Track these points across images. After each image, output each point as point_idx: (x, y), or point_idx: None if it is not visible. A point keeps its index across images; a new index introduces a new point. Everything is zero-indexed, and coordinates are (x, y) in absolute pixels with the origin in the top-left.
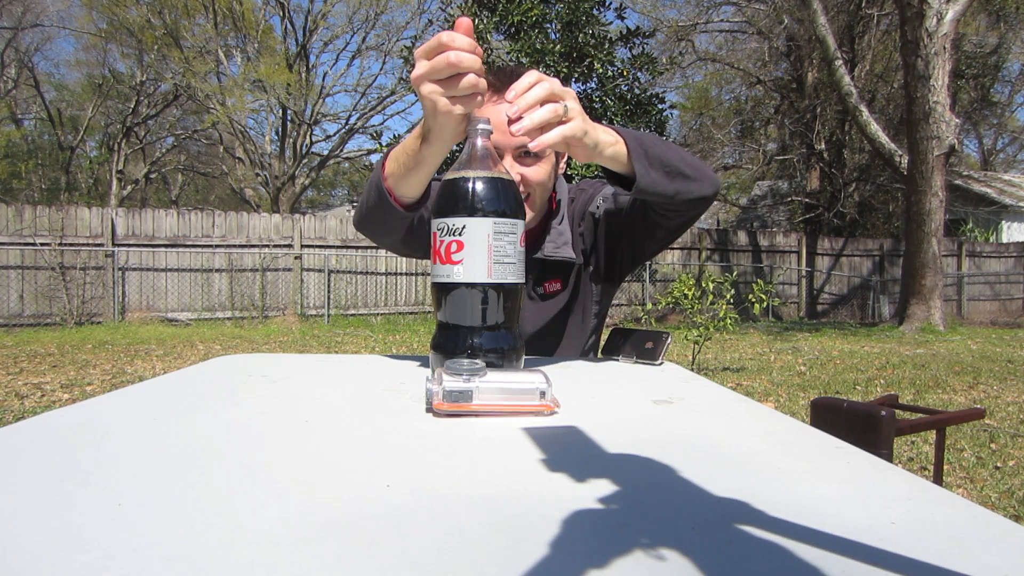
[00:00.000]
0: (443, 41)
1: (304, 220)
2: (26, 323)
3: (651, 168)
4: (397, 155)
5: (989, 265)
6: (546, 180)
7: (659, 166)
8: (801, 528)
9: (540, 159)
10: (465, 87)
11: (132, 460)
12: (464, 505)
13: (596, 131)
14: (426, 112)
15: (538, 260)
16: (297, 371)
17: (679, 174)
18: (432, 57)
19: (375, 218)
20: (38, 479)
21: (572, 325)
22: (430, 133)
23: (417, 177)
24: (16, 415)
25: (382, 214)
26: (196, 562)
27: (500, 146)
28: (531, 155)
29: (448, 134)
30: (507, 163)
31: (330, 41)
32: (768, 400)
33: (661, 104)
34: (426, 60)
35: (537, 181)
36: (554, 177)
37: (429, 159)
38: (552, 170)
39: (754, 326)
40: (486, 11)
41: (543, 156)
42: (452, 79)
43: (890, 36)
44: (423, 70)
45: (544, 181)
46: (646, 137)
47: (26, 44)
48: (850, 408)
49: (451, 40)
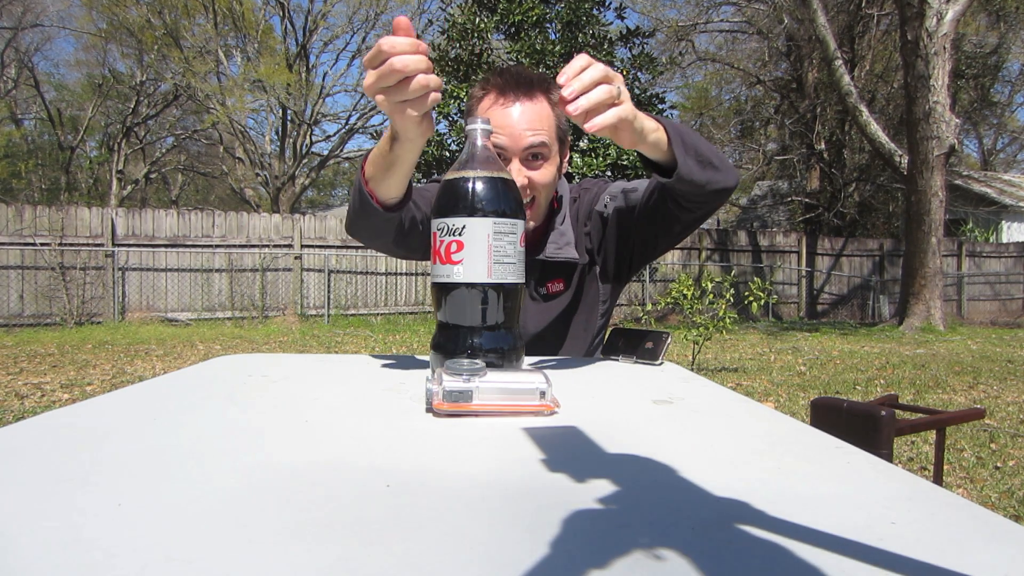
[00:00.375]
0: (383, 49)
1: (304, 220)
2: (26, 323)
3: (687, 155)
4: (374, 158)
5: (989, 265)
6: (551, 182)
7: (694, 154)
8: (801, 528)
9: (546, 161)
10: (415, 89)
11: (132, 460)
12: (464, 505)
13: (641, 117)
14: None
15: (540, 261)
16: (297, 371)
17: (709, 164)
18: (377, 66)
19: (362, 221)
20: (38, 479)
21: (576, 325)
22: (397, 134)
23: (395, 177)
24: (16, 415)
25: (367, 217)
26: (196, 562)
27: (507, 150)
28: (538, 158)
29: (413, 134)
30: (514, 167)
31: (330, 41)
32: (768, 400)
33: (661, 104)
34: (372, 70)
35: (543, 184)
36: (558, 179)
37: (403, 158)
38: (557, 172)
39: (754, 326)
40: (486, 11)
41: (549, 159)
42: (401, 84)
43: (890, 36)
44: (371, 80)
45: (549, 183)
46: (681, 126)
47: (26, 44)
48: (850, 408)
49: (392, 47)
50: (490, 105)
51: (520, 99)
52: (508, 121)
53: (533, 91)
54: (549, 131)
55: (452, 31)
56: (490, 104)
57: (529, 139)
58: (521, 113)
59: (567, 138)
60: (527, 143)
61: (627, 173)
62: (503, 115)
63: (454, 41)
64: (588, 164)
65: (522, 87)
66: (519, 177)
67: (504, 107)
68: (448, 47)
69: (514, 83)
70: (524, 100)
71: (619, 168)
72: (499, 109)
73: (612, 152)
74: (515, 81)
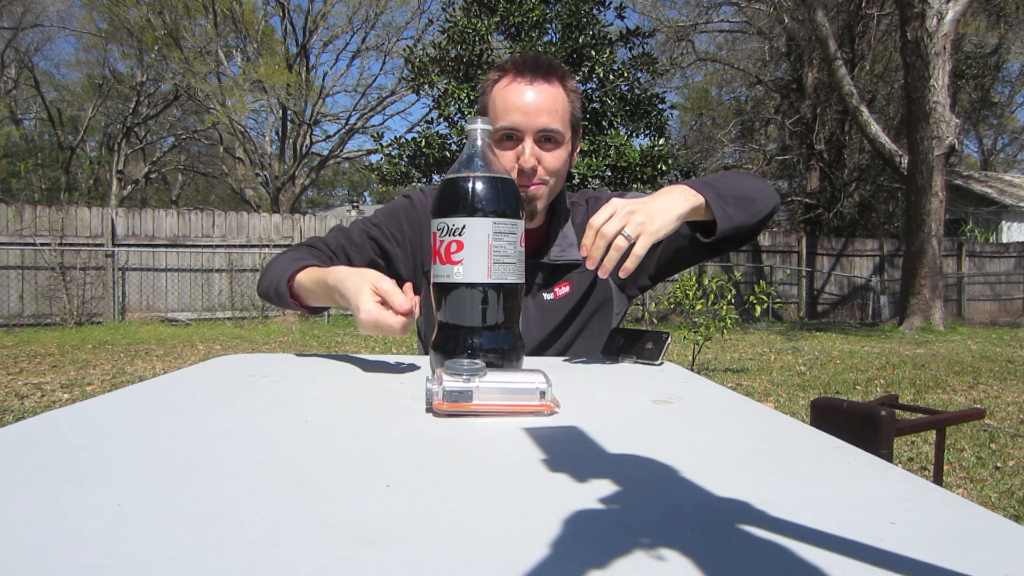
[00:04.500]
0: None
1: (304, 220)
2: (26, 323)
3: (727, 207)
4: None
5: (989, 265)
6: (561, 168)
7: (733, 202)
8: (801, 528)
9: (559, 147)
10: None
11: (132, 460)
12: (464, 505)
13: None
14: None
15: (546, 265)
16: (297, 371)
17: (748, 199)
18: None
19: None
20: (38, 479)
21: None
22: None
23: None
24: (16, 415)
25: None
26: (196, 562)
27: (519, 129)
28: (550, 141)
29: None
30: (527, 146)
31: (330, 41)
32: (768, 400)
33: (661, 104)
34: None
35: (553, 169)
36: (569, 165)
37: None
38: (568, 159)
39: (754, 326)
40: (487, 12)
41: (562, 144)
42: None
43: (890, 36)
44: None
45: (559, 169)
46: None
47: (26, 44)
48: (850, 408)
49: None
50: (506, 84)
51: (537, 81)
52: (524, 100)
53: (551, 76)
54: (563, 116)
55: (452, 32)
56: (507, 84)
57: (544, 120)
58: (537, 94)
59: (580, 129)
60: (542, 124)
61: (628, 173)
62: (519, 93)
63: (454, 42)
64: (589, 164)
65: (540, 70)
66: (530, 158)
67: (520, 86)
68: (448, 47)
69: (533, 65)
70: (541, 82)
71: (619, 169)
72: (516, 87)
73: (612, 152)
74: (534, 64)
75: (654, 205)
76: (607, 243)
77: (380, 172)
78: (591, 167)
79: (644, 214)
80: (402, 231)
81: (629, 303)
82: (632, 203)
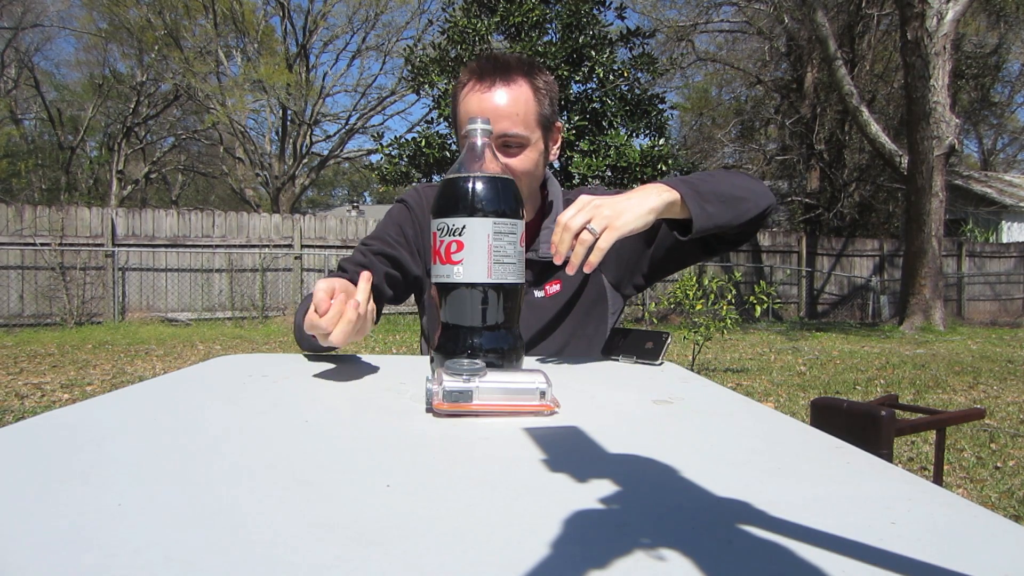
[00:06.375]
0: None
1: (304, 220)
2: (26, 323)
3: (706, 204)
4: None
5: (989, 265)
6: (532, 169)
7: (714, 199)
8: (801, 528)
9: (524, 149)
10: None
11: (132, 460)
12: (464, 505)
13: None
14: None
15: (533, 261)
16: (297, 371)
17: (733, 199)
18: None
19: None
20: (38, 479)
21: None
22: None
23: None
24: (16, 415)
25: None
26: (196, 562)
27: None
28: (513, 146)
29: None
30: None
31: (330, 41)
32: (768, 400)
33: (661, 104)
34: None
35: (522, 171)
36: (542, 166)
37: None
38: (540, 158)
39: (754, 326)
40: (487, 12)
41: (528, 146)
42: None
43: (890, 36)
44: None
45: (530, 170)
46: (693, 177)
47: (26, 44)
48: (850, 408)
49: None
50: (467, 92)
51: (496, 84)
52: (482, 107)
53: (511, 75)
54: (526, 117)
55: (452, 32)
56: (467, 91)
57: (503, 126)
58: (496, 99)
59: (555, 123)
60: (500, 130)
61: (628, 173)
62: (478, 100)
63: (454, 42)
64: (589, 164)
65: (499, 71)
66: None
67: (480, 92)
68: (448, 47)
69: (491, 68)
70: (500, 85)
71: (619, 169)
72: (475, 95)
73: (612, 152)
74: (492, 66)
75: (625, 201)
76: (571, 236)
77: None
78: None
79: (611, 209)
80: (404, 234)
81: (625, 302)
82: (602, 199)
